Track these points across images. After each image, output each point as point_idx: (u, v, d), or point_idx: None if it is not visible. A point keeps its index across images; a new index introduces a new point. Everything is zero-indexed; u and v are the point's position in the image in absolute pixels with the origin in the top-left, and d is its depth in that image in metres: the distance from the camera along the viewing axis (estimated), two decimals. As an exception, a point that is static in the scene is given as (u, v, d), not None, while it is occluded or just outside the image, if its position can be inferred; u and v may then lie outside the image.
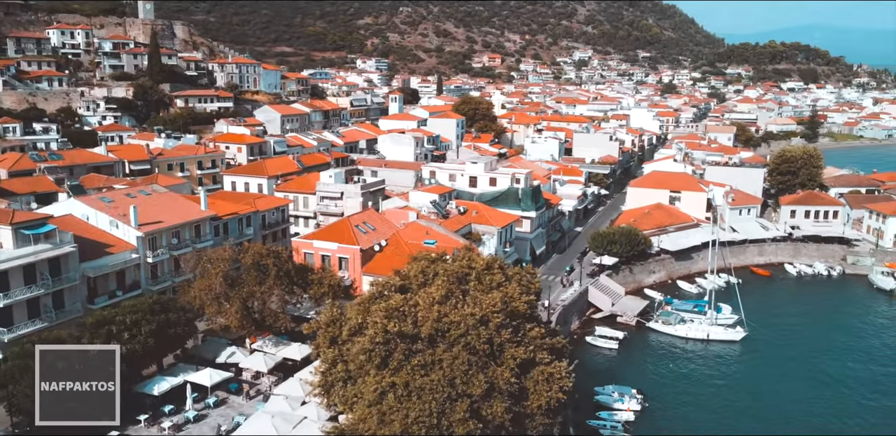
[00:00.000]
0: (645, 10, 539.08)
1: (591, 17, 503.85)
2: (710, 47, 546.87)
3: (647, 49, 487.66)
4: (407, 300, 39.25)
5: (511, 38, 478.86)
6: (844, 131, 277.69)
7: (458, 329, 37.19)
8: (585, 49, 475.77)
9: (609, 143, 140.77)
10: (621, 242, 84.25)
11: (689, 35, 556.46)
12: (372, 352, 37.20)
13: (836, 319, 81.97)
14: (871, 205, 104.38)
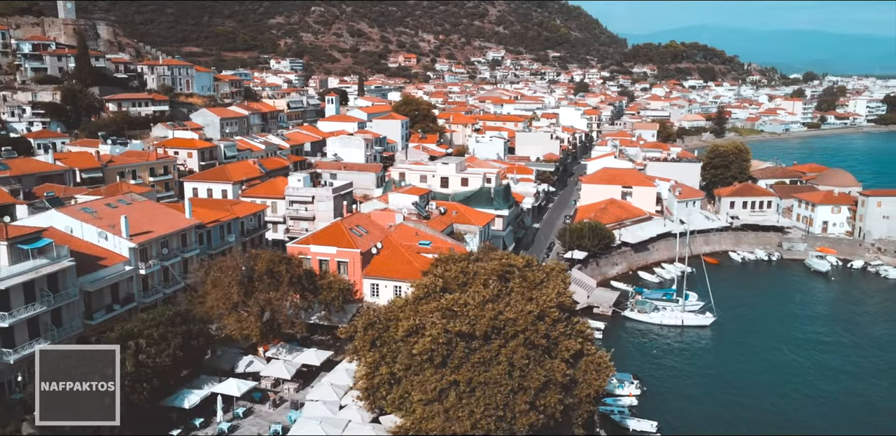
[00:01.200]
0: (552, 11, 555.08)
1: (502, 18, 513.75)
2: (614, 47, 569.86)
3: (557, 49, 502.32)
4: (456, 300, 40.37)
5: (425, 38, 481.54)
6: (747, 126, 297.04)
7: (514, 325, 38.68)
8: (498, 49, 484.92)
9: (550, 141, 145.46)
10: (589, 237, 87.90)
11: (594, 35, 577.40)
12: (434, 352, 38.09)
13: (788, 301, 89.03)
14: (799, 195, 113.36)
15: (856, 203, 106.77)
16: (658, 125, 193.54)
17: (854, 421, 57.99)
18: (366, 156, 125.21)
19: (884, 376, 66.88)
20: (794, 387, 63.84)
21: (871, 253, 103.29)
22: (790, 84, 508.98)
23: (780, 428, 56.35)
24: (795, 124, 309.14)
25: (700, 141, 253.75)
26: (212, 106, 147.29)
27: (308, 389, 52.08)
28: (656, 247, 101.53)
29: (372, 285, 62.68)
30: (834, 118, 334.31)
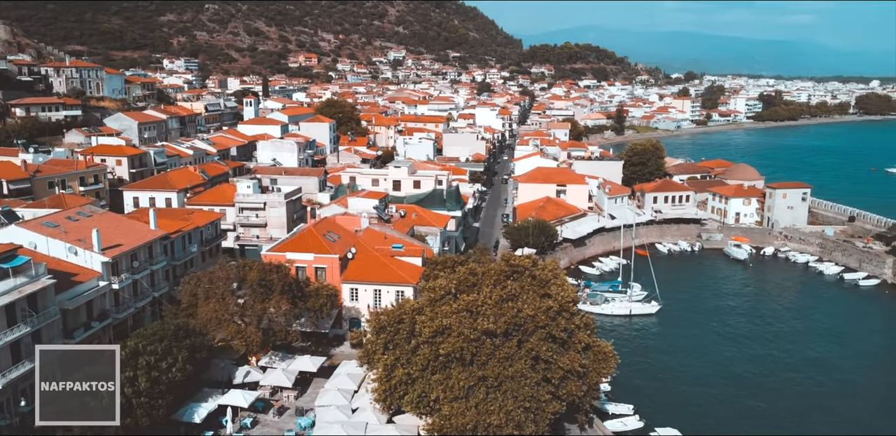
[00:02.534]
0: (450, 11, 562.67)
1: (401, 18, 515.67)
2: (510, 47, 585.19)
3: (457, 49, 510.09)
4: (475, 300, 42.45)
5: (325, 38, 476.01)
6: (643, 124, 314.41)
7: (534, 321, 41.22)
8: (399, 49, 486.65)
9: (476, 142, 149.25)
10: (535, 234, 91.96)
11: (491, 36, 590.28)
12: (463, 350, 40.01)
13: (717, 286, 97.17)
14: (713, 189, 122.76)
15: (764, 195, 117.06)
16: (569, 125, 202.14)
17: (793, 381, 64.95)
18: (298, 160, 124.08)
19: (804, 340, 75.86)
20: (741, 364, 70.54)
21: (780, 240, 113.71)
22: (673, 83, 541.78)
23: (740, 399, 62.22)
24: (685, 122, 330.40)
25: (603, 138, 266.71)
26: (126, 110, 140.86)
27: (305, 396, 52.61)
28: (592, 242, 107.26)
29: (351, 290, 63.34)
30: (718, 116, 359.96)
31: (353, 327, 63.77)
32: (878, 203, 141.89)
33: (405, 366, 43.52)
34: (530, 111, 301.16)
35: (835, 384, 67.27)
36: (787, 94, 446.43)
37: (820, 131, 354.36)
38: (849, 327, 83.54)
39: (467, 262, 49.73)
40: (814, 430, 58.00)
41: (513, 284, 43.40)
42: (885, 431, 58.77)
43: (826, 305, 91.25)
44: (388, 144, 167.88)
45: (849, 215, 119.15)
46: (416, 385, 43.22)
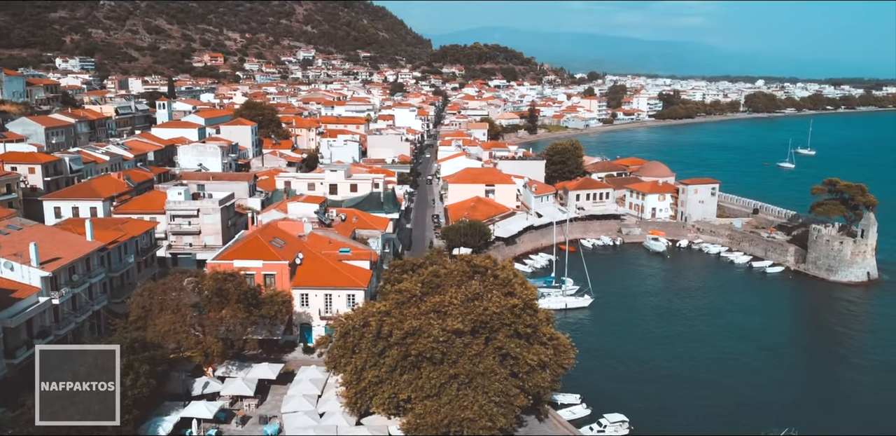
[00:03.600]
0: (359, 11, 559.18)
1: (309, 17, 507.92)
2: (420, 47, 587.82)
3: (367, 49, 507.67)
4: (442, 301, 43.96)
5: (231, 37, 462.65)
6: (554, 123, 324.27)
7: (500, 318, 43.16)
8: (308, 48, 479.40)
9: (401, 143, 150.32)
10: (470, 234, 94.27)
11: (400, 36, 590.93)
12: (434, 350, 41.45)
13: (640, 278, 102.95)
14: (630, 185, 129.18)
15: (677, 191, 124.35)
16: (487, 125, 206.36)
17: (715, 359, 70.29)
18: (222, 164, 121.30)
19: (724, 323, 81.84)
20: (672, 348, 75.89)
21: (693, 233, 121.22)
22: (578, 83, 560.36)
23: (675, 380, 66.76)
24: (593, 121, 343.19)
25: (517, 137, 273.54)
26: (29, 114, 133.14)
27: (266, 403, 52.50)
28: (522, 239, 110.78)
29: (301, 296, 63.32)
30: (623, 114, 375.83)
31: (304, 333, 63.93)
32: (776, 196, 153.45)
33: (373, 368, 44.52)
34: (445, 111, 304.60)
35: (753, 357, 74.24)
36: (684, 94, 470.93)
37: (715, 128, 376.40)
38: (761, 309, 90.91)
39: (426, 264, 51.09)
40: (742, 398, 63.18)
41: (476, 284, 45.18)
42: (797, 388, 65.03)
43: (739, 292, 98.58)
44: (310, 145, 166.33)
45: (753, 208, 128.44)
46: (385, 386, 44.32)
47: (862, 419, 61.65)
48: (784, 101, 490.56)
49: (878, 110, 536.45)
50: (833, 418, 61.47)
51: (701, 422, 59.34)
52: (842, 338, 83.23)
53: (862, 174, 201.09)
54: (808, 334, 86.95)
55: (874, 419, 61.67)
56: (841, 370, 73.55)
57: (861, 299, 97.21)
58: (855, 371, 73.04)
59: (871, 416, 62.36)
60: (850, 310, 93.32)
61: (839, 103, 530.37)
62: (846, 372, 73.04)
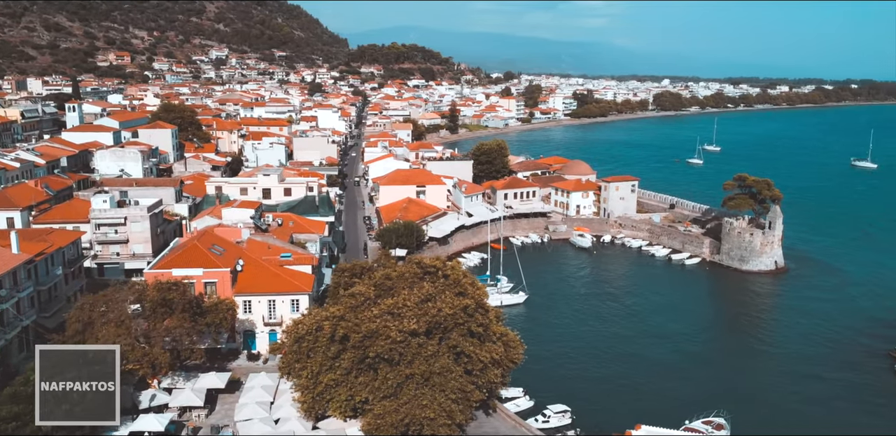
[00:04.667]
0: (273, 9, 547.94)
1: (221, 15, 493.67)
2: (336, 47, 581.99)
3: (282, 48, 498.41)
4: (396, 303, 44.95)
5: (138, 35, 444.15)
6: (474, 123, 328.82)
7: (454, 318, 44.55)
8: (221, 48, 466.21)
9: (328, 145, 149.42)
10: (406, 235, 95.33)
11: (316, 35, 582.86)
12: (392, 351, 42.43)
13: (569, 273, 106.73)
14: (555, 184, 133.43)
15: (600, 189, 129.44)
16: (411, 125, 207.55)
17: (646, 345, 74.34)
18: (143, 169, 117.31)
19: (648, 312, 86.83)
20: (604, 338, 79.86)
21: (616, 228, 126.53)
22: (494, 82, 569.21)
23: (609, 368, 70.15)
24: (512, 120, 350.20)
25: (439, 137, 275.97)
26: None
27: (216, 413, 51.96)
28: (455, 239, 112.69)
29: (244, 302, 62.69)
30: (540, 113, 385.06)
31: (247, 340, 63.39)
32: (689, 191, 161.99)
33: (329, 371, 45.04)
34: (366, 112, 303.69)
35: (679, 345, 78.94)
36: (597, 93, 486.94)
37: (627, 126, 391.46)
38: (681, 299, 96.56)
39: (375, 267, 51.82)
40: (673, 384, 67.07)
41: (428, 286, 46.38)
42: (720, 371, 69.57)
43: (661, 283, 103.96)
44: (232, 148, 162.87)
45: (670, 203, 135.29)
46: (341, 389, 44.94)
47: (778, 399, 66.67)
48: (689, 100, 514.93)
49: (773, 108, 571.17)
50: (754, 400, 66.19)
51: (637, 408, 62.57)
52: (755, 322, 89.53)
53: (762, 168, 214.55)
54: (725, 320, 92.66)
55: (788, 399, 66.82)
56: (756, 353, 79.15)
57: (770, 287, 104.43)
58: (767, 353, 78.91)
59: (785, 396, 67.53)
60: (761, 297, 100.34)
61: (738, 102, 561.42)
62: (761, 354, 78.69)
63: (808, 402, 66.05)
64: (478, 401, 44.78)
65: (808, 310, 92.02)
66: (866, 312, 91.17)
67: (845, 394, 67.83)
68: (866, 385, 70.20)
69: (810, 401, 66.18)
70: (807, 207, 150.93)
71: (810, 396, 67.37)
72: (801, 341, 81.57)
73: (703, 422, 58.08)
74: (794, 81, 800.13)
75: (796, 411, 64.12)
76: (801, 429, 60.31)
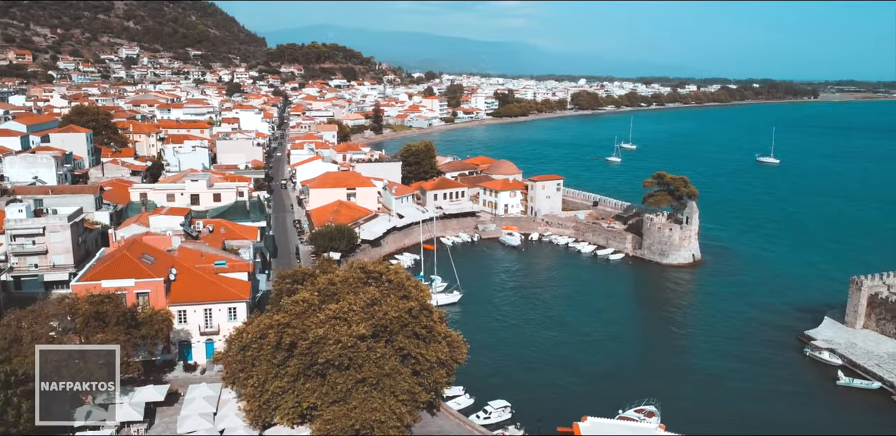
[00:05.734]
0: (186, 6, 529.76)
1: (130, 12, 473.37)
2: (254, 46, 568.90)
3: (197, 47, 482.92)
4: (342, 308, 45.36)
5: (40, 32, 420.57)
6: (398, 123, 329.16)
7: (399, 321, 45.35)
8: (132, 46, 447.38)
9: (253, 148, 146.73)
10: (339, 238, 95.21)
11: (233, 33, 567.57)
12: (342, 356, 42.87)
13: (500, 271, 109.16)
14: (483, 184, 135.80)
15: (526, 188, 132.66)
16: (336, 127, 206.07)
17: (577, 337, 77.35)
18: (57, 176, 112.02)
19: (578, 306, 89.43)
20: (538, 332, 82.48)
21: (543, 226, 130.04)
22: (416, 82, 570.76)
23: (542, 361, 72.55)
24: (436, 120, 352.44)
25: (364, 138, 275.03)
26: None
27: (156, 426, 50.85)
28: (387, 241, 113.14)
29: (179, 312, 61.38)
30: (462, 113, 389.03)
31: (183, 350, 62.13)
32: (609, 188, 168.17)
33: (275, 379, 45.02)
34: (288, 113, 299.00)
35: (607, 337, 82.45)
36: (517, 93, 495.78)
37: (547, 125, 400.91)
38: (608, 293, 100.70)
39: (317, 274, 51.91)
40: (604, 375, 70.03)
41: (373, 290, 46.98)
42: (648, 361, 73.16)
43: (588, 278, 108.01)
44: (150, 152, 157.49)
45: (593, 201, 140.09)
46: (288, 396, 45.00)
47: (701, 385, 70.75)
48: (605, 99, 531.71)
49: (683, 106, 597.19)
50: (679, 386, 69.99)
51: (573, 400, 65.10)
52: (676, 313, 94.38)
53: (676, 165, 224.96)
54: (649, 312, 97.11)
55: (710, 384, 70.99)
56: (679, 342, 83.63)
57: (688, 278, 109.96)
58: (689, 341, 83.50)
59: (707, 381, 71.72)
60: (681, 288, 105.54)
61: (651, 101, 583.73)
62: (683, 343, 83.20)
63: (728, 386, 70.34)
64: (425, 402, 45.76)
65: (724, 299, 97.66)
66: (776, 299, 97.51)
67: (761, 377, 72.65)
68: (779, 367, 75.39)
69: (730, 385, 70.51)
70: (719, 201, 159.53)
71: (729, 380, 71.78)
72: (719, 329, 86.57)
73: (635, 410, 61.11)
74: (701, 81, 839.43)
75: (718, 394, 68.19)
76: (723, 411, 64.28)
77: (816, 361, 76.02)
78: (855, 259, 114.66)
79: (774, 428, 60.73)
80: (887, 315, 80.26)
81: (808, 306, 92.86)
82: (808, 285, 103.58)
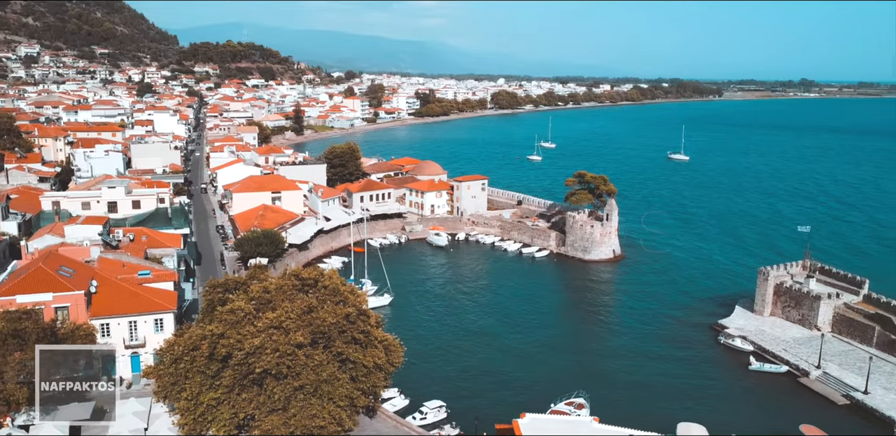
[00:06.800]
0: (91, 3, 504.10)
1: (29, 8, 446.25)
2: (165, 44, 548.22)
3: (104, 45, 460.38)
4: (278, 316, 45.08)
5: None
6: (320, 123, 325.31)
7: (336, 327, 45.48)
8: (31, 44, 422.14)
9: (170, 152, 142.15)
10: (266, 244, 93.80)
11: (142, 31, 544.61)
12: (280, 365, 42.66)
13: (430, 272, 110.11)
14: (409, 185, 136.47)
15: (452, 188, 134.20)
16: (257, 128, 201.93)
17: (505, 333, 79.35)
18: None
19: (506, 303, 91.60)
20: (467, 333, 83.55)
21: (469, 226, 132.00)
22: (336, 82, 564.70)
23: (478, 365, 73.91)
24: (358, 120, 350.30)
25: (285, 139, 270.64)
26: None
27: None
28: (314, 244, 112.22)
29: (102, 326, 59.12)
30: (384, 113, 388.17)
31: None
32: (532, 187, 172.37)
33: (210, 391, 44.28)
34: (205, 114, 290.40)
35: (535, 334, 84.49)
36: (438, 92, 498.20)
37: (469, 125, 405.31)
38: (533, 290, 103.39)
39: (250, 282, 51.20)
40: (533, 371, 72.11)
41: (309, 297, 46.87)
42: (575, 355, 75.89)
43: (515, 276, 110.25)
44: (58, 157, 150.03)
45: (517, 200, 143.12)
46: (224, 408, 44.35)
47: (625, 374, 73.92)
48: (524, 99, 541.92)
49: (598, 105, 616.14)
50: (605, 377, 72.89)
51: (506, 397, 66.88)
52: (599, 307, 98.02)
53: (594, 163, 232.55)
54: (573, 307, 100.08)
55: (633, 374, 74.27)
56: (602, 334, 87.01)
57: (609, 273, 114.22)
58: (611, 334, 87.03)
59: (630, 370, 75.00)
60: (603, 283, 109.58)
61: (568, 100, 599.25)
62: (606, 335, 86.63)
63: (650, 374, 73.77)
64: (364, 406, 46.09)
65: (644, 292, 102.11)
66: (692, 290, 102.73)
67: (680, 364, 76.63)
68: (697, 355, 79.68)
69: (652, 373, 73.98)
70: (636, 198, 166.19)
71: (651, 368, 75.31)
72: (640, 321, 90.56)
73: (566, 403, 63.32)
74: (614, 80, 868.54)
75: (641, 383, 71.45)
76: (646, 399, 67.46)
77: (730, 348, 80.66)
78: (763, 250, 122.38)
79: (694, 412, 64.13)
80: (791, 303, 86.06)
81: (721, 296, 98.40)
82: (720, 276, 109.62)
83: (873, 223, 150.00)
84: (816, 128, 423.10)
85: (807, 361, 74.80)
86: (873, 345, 77.54)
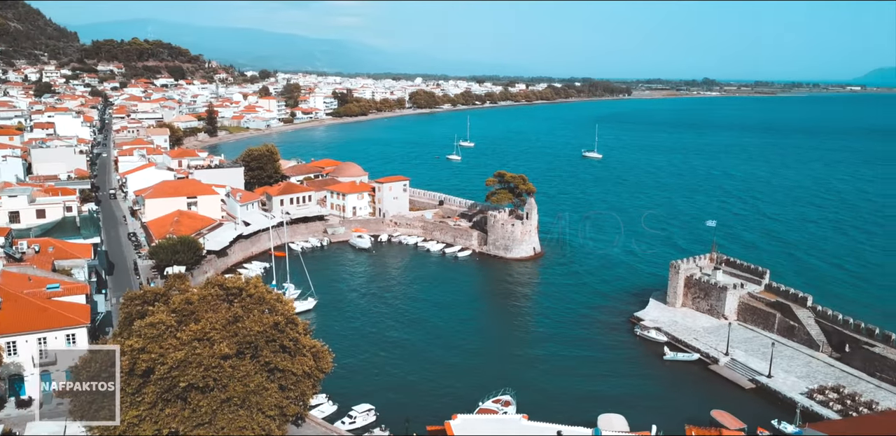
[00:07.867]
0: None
1: None
2: (65, 41, 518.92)
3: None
4: (202, 327, 44.15)
5: None
6: (234, 124, 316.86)
7: (264, 336, 44.94)
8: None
9: (75, 156, 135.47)
10: (183, 251, 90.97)
11: (39, 27, 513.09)
12: (206, 378, 41.80)
13: (353, 274, 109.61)
14: (330, 187, 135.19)
15: (373, 189, 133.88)
16: (168, 130, 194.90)
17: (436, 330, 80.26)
18: None
19: (431, 303, 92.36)
20: (392, 335, 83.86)
21: (391, 227, 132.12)
22: (249, 81, 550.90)
23: (404, 366, 74.33)
24: (274, 121, 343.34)
25: (198, 141, 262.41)
26: None
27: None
28: (233, 250, 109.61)
29: (8, 344, 56.01)
30: (301, 113, 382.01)
31: (14, 385, 56.89)
32: (452, 186, 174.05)
33: (131, 408, 42.92)
34: (110, 115, 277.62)
35: (461, 333, 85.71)
36: (356, 92, 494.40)
37: (387, 125, 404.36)
38: (456, 289, 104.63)
39: (170, 293, 49.66)
40: (460, 371, 73.20)
41: (235, 307, 46.05)
42: (501, 354, 77.53)
43: (438, 276, 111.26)
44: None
45: (439, 200, 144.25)
46: (146, 424, 43.09)
47: (549, 369, 76.13)
48: (442, 98, 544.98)
49: (514, 104, 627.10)
50: (530, 374, 74.85)
51: (435, 398, 67.62)
52: (521, 304, 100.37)
53: (511, 161, 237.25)
54: (496, 305, 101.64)
55: (557, 368, 76.62)
56: (524, 331, 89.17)
57: (531, 270, 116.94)
58: (534, 330, 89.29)
59: (554, 365, 77.32)
60: (525, 279, 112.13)
61: (485, 99, 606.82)
62: (528, 332, 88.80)
63: (571, 368, 76.24)
64: (294, 414, 45.75)
65: (563, 288, 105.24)
66: (609, 285, 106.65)
67: (600, 357, 79.61)
68: (615, 347, 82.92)
69: (573, 367, 76.47)
70: (553, 195, 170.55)
71: (572, 362, 77.82)
72: (561, 316, 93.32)
73: (493, 401, 64.68)
74: (528, 80, 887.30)
75: (563, 377, 73.79)
76: (569, 393, 69.77)
77: (646, 339, 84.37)
78: (673, 244, 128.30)
79: (614, 403, 66.72)
80: (701, 294, 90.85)
81: (636, 290, 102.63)
82: (635, 270, 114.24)
83: (761, 216, 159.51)
84: (716, 126, 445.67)
85: (716, 348, 79.21)
86: (775, 331, 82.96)
